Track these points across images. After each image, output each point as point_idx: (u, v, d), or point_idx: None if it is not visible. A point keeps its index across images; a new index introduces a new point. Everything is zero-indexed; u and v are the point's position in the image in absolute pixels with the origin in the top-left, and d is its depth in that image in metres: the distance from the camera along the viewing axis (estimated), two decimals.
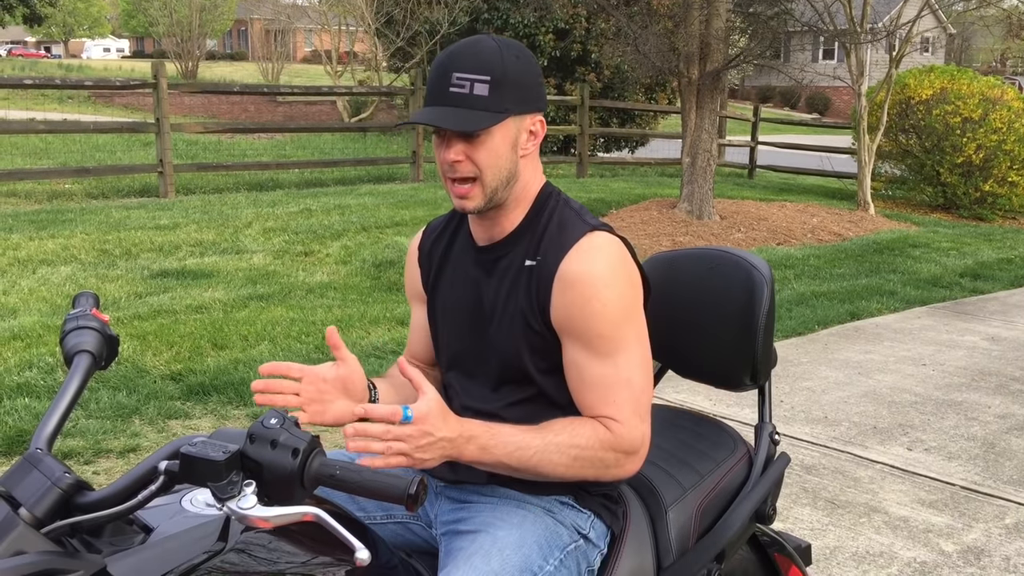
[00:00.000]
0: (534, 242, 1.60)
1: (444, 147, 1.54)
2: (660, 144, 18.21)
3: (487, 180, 1.54)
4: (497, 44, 1.55)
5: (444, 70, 1.52)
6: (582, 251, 1.54)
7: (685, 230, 9.02)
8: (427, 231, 1.81)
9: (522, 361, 1.59)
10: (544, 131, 1.61)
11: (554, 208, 1.63)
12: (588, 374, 1.54)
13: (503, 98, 1.52)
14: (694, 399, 4.49)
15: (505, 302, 1.60)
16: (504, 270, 1.62)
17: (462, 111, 1.50)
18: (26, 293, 5.81)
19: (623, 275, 1.55)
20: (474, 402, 1.66)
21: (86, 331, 1.43)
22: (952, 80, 12.37)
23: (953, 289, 7.50)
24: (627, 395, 1.53)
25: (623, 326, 1.54)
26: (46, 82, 12.69)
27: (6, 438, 3.60)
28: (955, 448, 4.07)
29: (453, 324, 1.70)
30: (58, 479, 1.16)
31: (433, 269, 1.75)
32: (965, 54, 41.68)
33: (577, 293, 1.52)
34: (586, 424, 1.52)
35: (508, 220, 1.62)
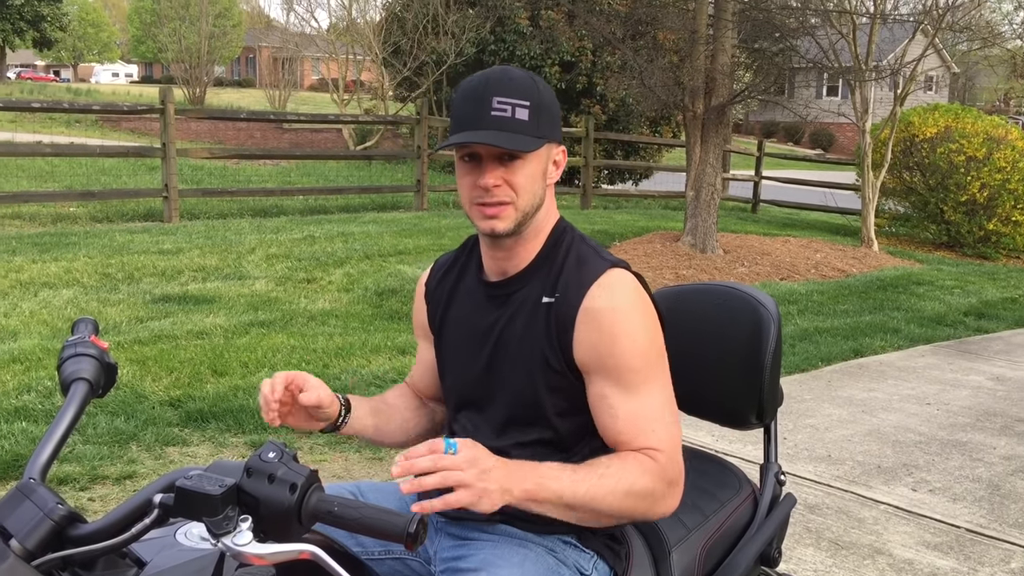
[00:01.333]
0: (551, 278, 1.58)
1: (479, 172, 1.53)
2: (664, 177, 18.27)
3: (521, 204, 1.54)
4: (526, 73, 1.57)
5: (482, 95, 1.51)
6: (604, 287, 1.52)
7: (688, 263, 9.01)
8: (435, 267, 1.79)
9: (538, 401, 1.57)
10: (565, 161, 1.62)
11: (570, 244, 1.61)
12: (622, 410, 1.51)
13: (541, 124, 1.53)
14: (696, 434, 4.45)
15: (520, 339, 1.58)
16: (519, 305, 1.59)
17: (505, 134, 1.50)
18: (27, 316, 5.79)
19: (647, 310, 1.54)
20: (483, 442, 1.63)
21: (84, 358, 1.41)
22: (956, 119, 12.42)
23: (957, 328, 7.47)
24: (663, 426, 1.51)
25: (652, 359, 1.52)
26: (54, 105, 12.77)
27: (2, 463, 3.57)
28: (960, 489, 4.02)
29: (462, 361, 1.67)
30: (51, 510, 1.13)
31: (440, 306, 1.73)
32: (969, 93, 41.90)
33: (604, 330, 1.50)
34: (630, 457, 1.48)
35: (525, 252, 1.61)
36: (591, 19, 13.75)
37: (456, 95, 1.56)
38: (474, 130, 1.50)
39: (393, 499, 1.71)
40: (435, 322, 1.74)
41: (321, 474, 1.20)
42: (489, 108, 1.50)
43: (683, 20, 10.24)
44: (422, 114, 13.03)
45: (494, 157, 1.51)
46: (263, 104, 31.95)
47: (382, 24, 20.12)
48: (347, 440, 4.14)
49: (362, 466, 3.92)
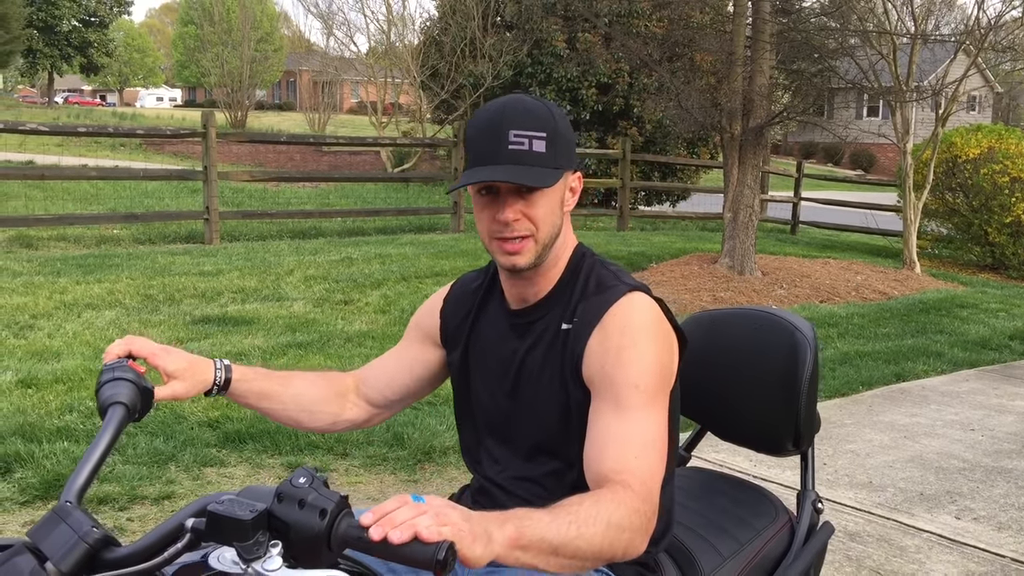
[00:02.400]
0: (571, 305, 1.57)
1: (497, 206, 1.51)
2: (702, 198, 18.20)
3: (541, 236, 1.53)
4: (541, 101, 1.55)
5: (498, 128, 1.50)
6: (622, 307, 1.52)
7: (726, 285, 8.95)
8: (457, 284, 1.79)
9: (564, 428, 1.55)
10: (581, 187, 1.61)
11: (590, 269, 1.60)
12: (612, 430, 1.45)
13: (558, 154, 1.51)
14: (734, 459, 4.40)
15: (541, 367, 1.57)
16: (540, 334, 1.59)
17: (523, 168, 1.48)
18: (70, 337, 5.89)
19: (659, 334, 1.52)
20: (509, 470, 1.63)
21: (121, 382, 1.43)
22: (1000, 139, 12.24)
23: (1003, 352, 7.32)
24: (646, 456, 1.43)
25: (656, 384, 1.48)
26: (99, 130, 13.04)
27: (44, 482, 3.62)
28: (1005, 518, 3.93)
29: (488, 389, 1.67)
30: (85, 534, 1.15)
31: (460, 325, 1.72)
32: (1013, 113, 41.30)
33: (614, 341, 1.48)
34: (602, 492, 1.40)
35: (544, 280, 1.60)
36: (628, 41, 13.79)
37: (471, 128, 1.54)
38: (492, 164, 1.49)
39: None
40: (446, 335, 1.74)
41: (355, 496, 1.21)
42: (506, 142, 1.48)
43: (720, 42, 10.22)
44: (459, 136, 13.11)
45: (512, 191, 1.50)
46: (303, 127, 32.39)
47: (420, 48, 20.33)
48: (382, 462, 4.15)
49: (397, 488, 3.92)
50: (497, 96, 11.60)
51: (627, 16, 16.70)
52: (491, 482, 1.67)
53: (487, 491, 1.67)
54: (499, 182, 1.48)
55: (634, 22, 16.55)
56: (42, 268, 8.07)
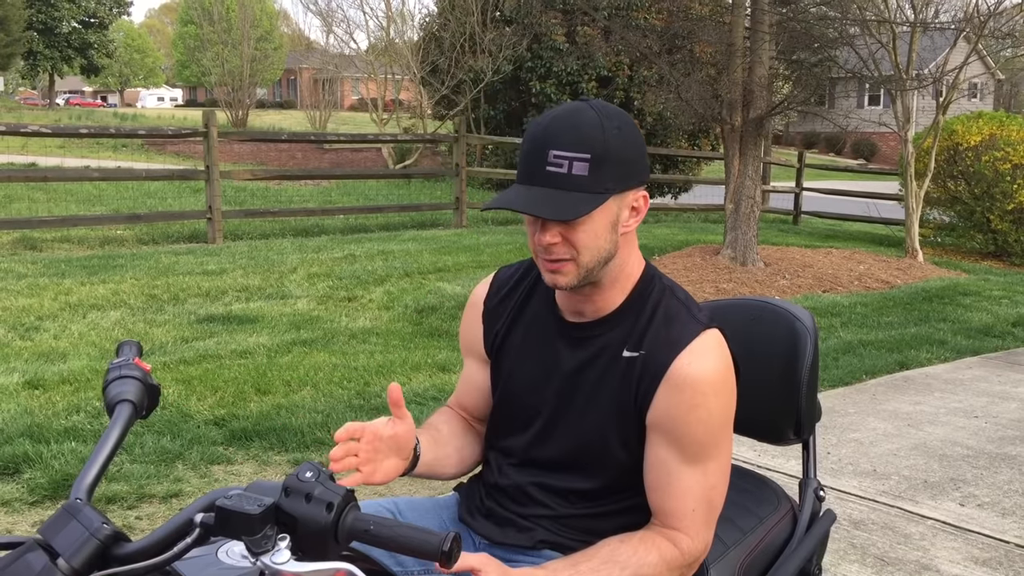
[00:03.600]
0: (636, 332, 1.52)
1: (538, 228, 1.45)
2: (703, 190, 18.21)
3: (583, 261, 1.45)
4: (598, 116, 1.43)
5: (540, 146, 1.41)
6: (695, 354, 1.46)
7: (729, 276, 8.96)
8: (495, 283, 1.71)
9: (604, 450, 1.54)
10: (647, 206, 1.51)
11: (660, 297, 1.54)
12: (675, 478, 1.48)
13: (603, 177, 1.41)
14: (738, 449, 4.41)
15: (595, 386, 1.53)
16: (597, 351, 1.54)
17: (559, 193, 1.40)
18: (76, 337, 5.92)
19: (730, 381, 1.50)
20: (530, 476, 1.62)
21: (128, 380, 1.45)
22: (1001, 126, 12.22)
23: (1005, 339, 7.33)
24: (706, 506, 1.49)
25: (721, 435, 1.49)
26: (101, 131, 13.08)
27: (52, 482, 3.65)
28: (1009, 504, 3.95)
29: (527, 394, 1.62)
30: (96, 530, 1.16)
31: (501, 328, 1.66)
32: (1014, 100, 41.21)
33: (686, 398, 1.45)
34: (652, 550, 1.45)
35: (604, 299, 1.54)
36: (627, 34, 13.77)
37: (524, 139, 1.47)
38: (528, 185, 1.42)
39: (430, 515, 1.73)
40: (492, 344, 1.67)
41: (360, 490, 1.22)
42: (544, 162, 1.41)
43: (720, 33, 10.21)
44: (460, 132, 13.12)
45: None
46: (304, 125, 32.40)
47: (420, 44, 20.34)
48: None
49: (401, 483, 3.94)
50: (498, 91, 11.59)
51: (626, 9, 16.69)
52: (507, 481, 1.66)
53: (503, 489, 1.66)
54: (521, 211, 1.40)
55: (633, 15, 16.54)
56: (47, 270, 8.10)
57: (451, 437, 1.69)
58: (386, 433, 1.46)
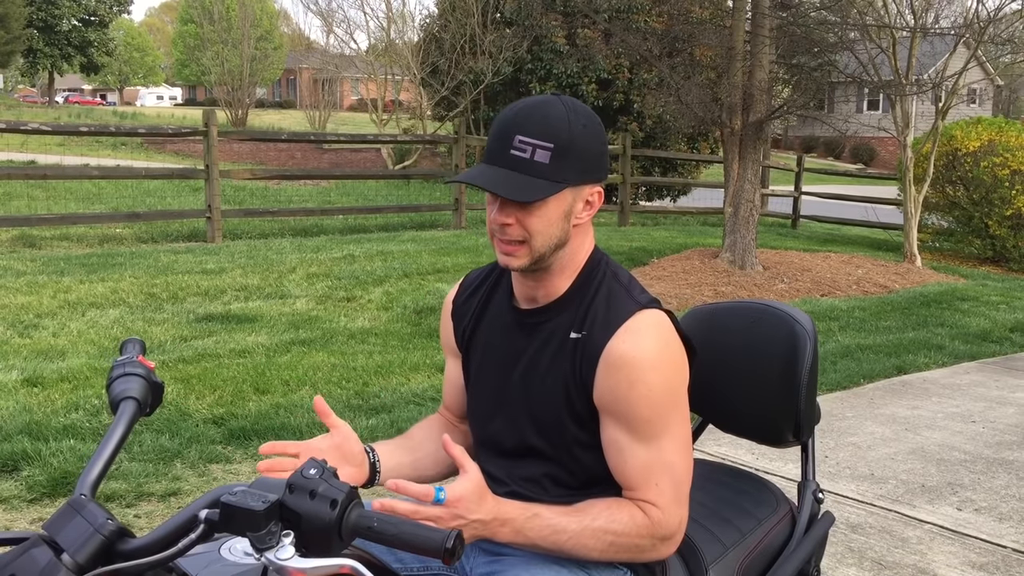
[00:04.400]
0: (580, 313, 1.56)
1: (495, 207, 1.51)
2: (702, 193, 18.23)
3: (535, 245, 1.51)
4: (566, 110, 1.50)
5: (507, 130, 1.48)
6: (629, 331, 1.50)
7: (727, 280, 8.97)
8: (463, 284, 1.78)
9: (561, 434, 1.58)
10: (601, 202, 1.57)
11: (602, 279, 1.59)
12: (630, 456, 1.52)
13: (563, 168, 1.47)
14: (736, 452, 4.42)
15: (548, 370, 1.58)
16: (547, 336, 1.59)
17: (519, 176, 1.46)
18: (75, 335, 5.92)
19: (669, 358, 1.52)
20: (505, 467, 1.65)
21: (132, 378, 1.45)
22: (1000, 132, 12.25)
23: (1003, 344, 7.34)
24: (668, 480, 1.51)
25: (667, 410, 1.51)
26: (101, 129, 13.03)
27: (51, 479, 3.65)
28: (1006, 509, 3.96)
29: (489, 384, 1.68)
30: (101, 525, 1.17)
31: (468, 324, 1.73)
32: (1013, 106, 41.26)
33: (623, 376, 1.49)
34: (623, 509, 1.50)
35: (553, 285, 1.59)
36: (628, 37, 13.78)
37: (494, 122, 1.54)
38: (492, 166, 1.48)
39: None
40: (462, 340, 1.74)
41: (360, 490, 1.23)
42: (510, 146, 1.47)
43: (720, 37, 10.23)
44: (460, 133, 13.13)
45: None
46: (303, 125, 32.41)
47: (420, 45, 20.35)
48: None
49: None
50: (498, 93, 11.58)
51: (627, 12, 16.72)
52: (489, 476, 1.69)
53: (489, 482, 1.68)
54: (480, 187, 1.47)
55: (634, 17, 16.57)
56: (46, 267, 8.10)
57: (424, 441, 1.75)
58: (324, 445, 1.54)
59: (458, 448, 1.38)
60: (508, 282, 1.68)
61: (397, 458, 1.67)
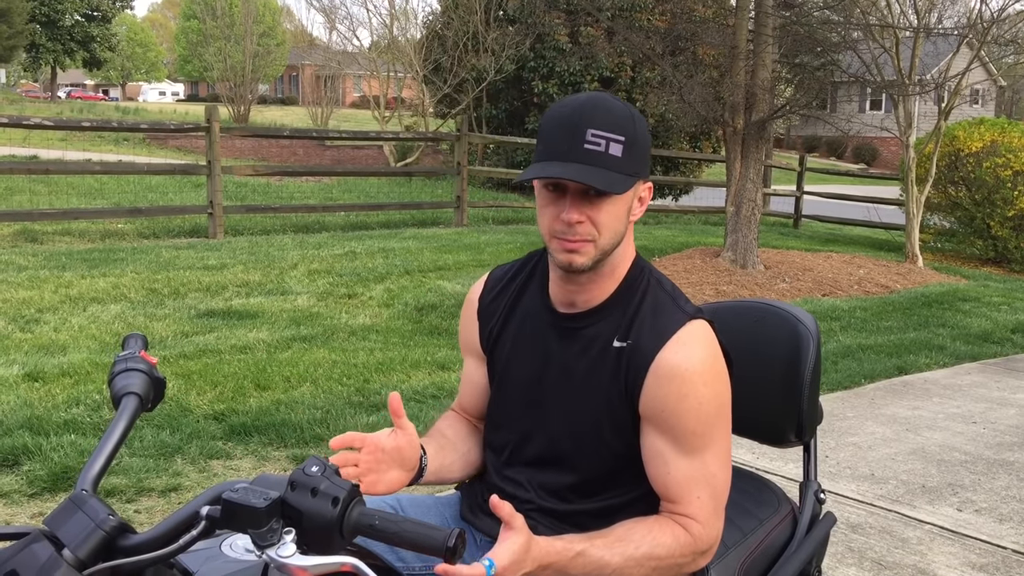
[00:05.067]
0: (625, 321, 1.54)
1: (562, 205, 1.46)
2: (704, 192, 18.22)
3: (603, 243, 1.48)
4: (624, 105, 1.50)
5: (576, 125, 1.44)
6: (681, 343, 1.49)
7: (729, 279, 8.96)
8: (489, 281, 1.73)
9: (596, 440, 1.55)
10: (650, 197, 1.57)
11: (647, 287, 1.57)
12: (673, 468, 1.50)
13: (633, 160, 1.47)
14: (736, 452, 4.42)
15: (586, 377, 1.55)
16: (588, 342, 1.56)
17: (600, 170, 1.43)
18: (76, 330, 5.92)
19: (719, 370, 1.51)
20: (523, 472, 1.64)
21: (134, 373, 1.45)
22: (1003, 133, 12.23)
23: (1004, 345, 7.34)
24: (710, 493, 1.50)
25: (714, 423, 1.50)
26: (103, 124, 13.04)
27: (51, 474, 3.65)
28: (1007, 510, 3.95)
29: (519, 386, 1.63)
30: (102, 521, 1.17)
31: (496, 324, 1.68)
32: (1016, 107, 41.23)
33: (674, 388, 1.47)
34: (666, 531, 1.48)
35: (598, 288, 1.56)
36: (630, 35, 13.77)
37: (547, 120, 1.49)
38: (564, 162, 1.43)
39: (432, 512, 1.73)
40: (488, 340, 1.69)
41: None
42: (582, 140, 1.43)
43: (723, 36, 10.22)
44: (462, 130, 13.12)
45: (580, 192, 1.45)
46: (306, 121, 32.40)
47: (423, 42, 20.33)
48: None
49: None
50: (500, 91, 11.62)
51: (630, 10, 16.70)
52: (509, 480, 1.67)
53: (502, 487, 1.66)
54: (569, 180, 1.42)
55: (637, 16, 16.55)
56: (47, 262, 8.10)
57: (456, 442, 1.71)
58: (388, 445, 1.48)
59: (507, 506, 1.31)
60: (540, 282, 1.64)
61: (441, 459, 1.63)
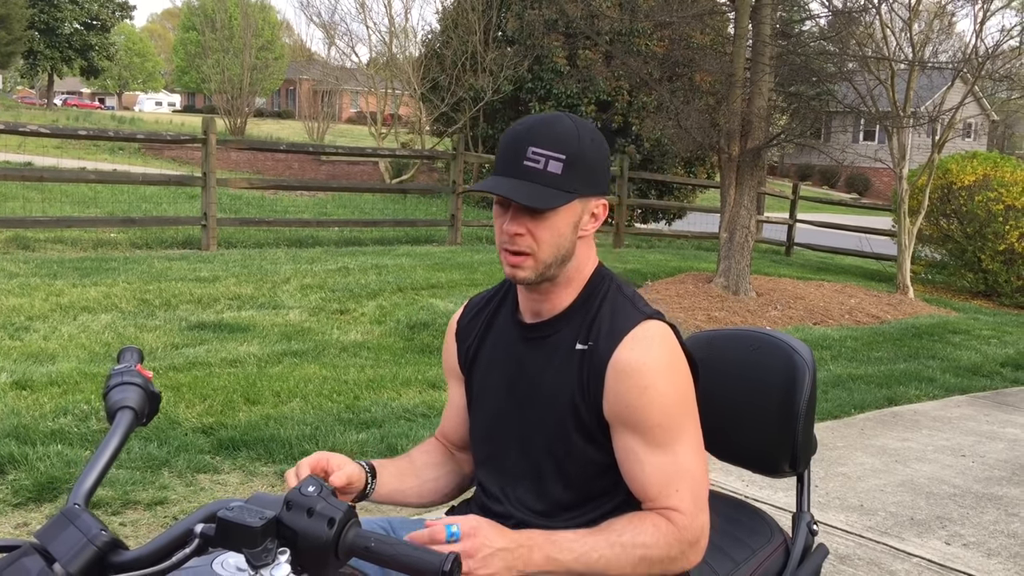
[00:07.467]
0: (585, 325, 1.58)
1: (506, 218, 1.54)
2: (698, 218, 18.28)
3: (542, 256, 1.54)
4: (575, 124, 1.55)
5: (519, 143, 1.52)
6: (636, 339, 1.52)
7: (721, 305, 8.98)
8: (468, 306, 1.80)
9: (569, 448, 1.57)
10: (605, 214, 1.61)
11: (607, 292, 1.61)
12: (647, 464, 1.51)
13: (574, 178, 1.51)
14: (726, 479, 4.41)
15: (554, 383, 1.59)
16: (552, 349, 1.60)
17: (534, 186, 1.50)
18: (66, 339, 5.89)
19: (677, 364, 1.54)
20: (505, 487, 1.64)
21: (130, 387, 1.44)
22: (995, 167, 12.34)
23: (994, 378, 7.36)
24: (687, 485, 1.51)
25: (680, 415, 1.52)
26: (99, 133, 13.03)
27: (37, 484, 3.62)
28: (995, 544, 3.95)
29: (493, 399, 1.67)
30: (94, 536, 1.16)
31: (472, 343, 1.73)
32: (1008, 141, 41.58)
33: (633, 383, 1.50)
34: (646, 520, 1.49)
35: (559, 298, 1.61)
36: (628, 59, 13.86)
37: (502, 138, 1.57)
38: (506, 177, 1.51)
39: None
40: (465, 360, 1.74)
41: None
42: (523, 157, 1.51)
43: (720, 63, 10.29)
44: (458, 149, 13.15)
45: (521, 207, 1.51)
46: (302, 135, 32.45)
47: (421, 60, 20.42)
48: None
49: None
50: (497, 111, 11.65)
51: (628, 35, 16.80)
52: (491, 496, 1.68)
53: (489, 508, 1.67)
54: (498, 195, 1.50)
55: (635, 41, 16.66)
56: (39, 270, 8.07)
57: (421, 469, 1.75)
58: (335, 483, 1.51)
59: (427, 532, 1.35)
60: (514, 299, 1.69)
61: (396, 484, 1.67)
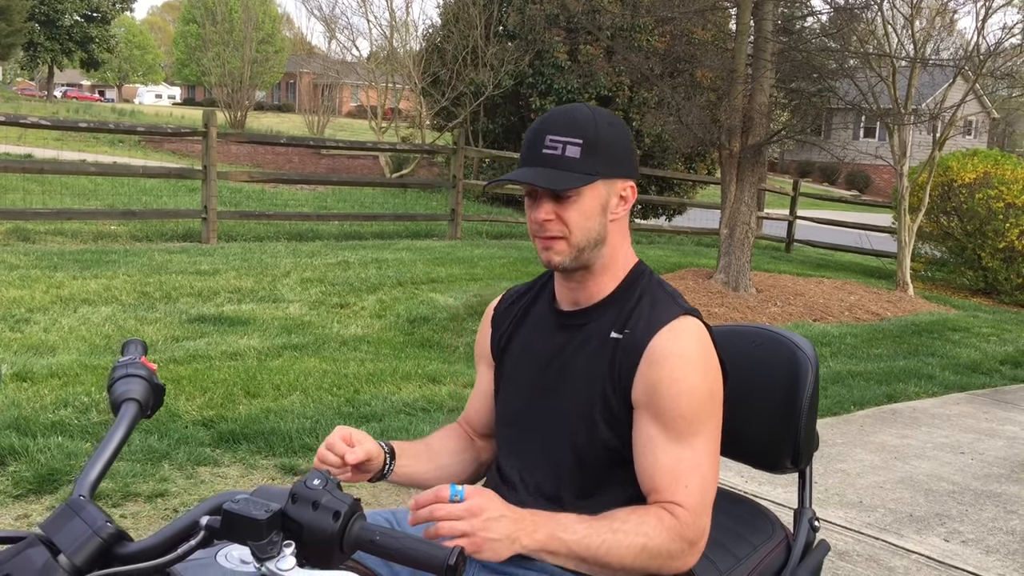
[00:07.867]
0: (623, 315, 1.60)
1: (535, 207, 1.58)
2: (698, 214, 18.26)
3: (574, 239, 1.57)
4: (591, 111, 1.60)
5: (538, 134, 1.57)
6: (674, 331, 1.54)
7: (720, 301, 8.98)
8: (506, 295, 1.83)
9: (592, 434, 1.58)
10: (635, 196, 1.64)
11: (647, 286, 1.64)
12: (662, 454, 1.51)
13: (594, 161, 1.55)
14: (725, 475, 4.42)
15: (584, 369, 1.60)
16: (587, 337, 1.62)
17: (554, 171, 1.54)
18: (66, 332, 5.89)
19: (711, 362, 1.55)
20: (524, 469, 1.66)
21: (134, 379, 1.45)
22: (996, 165, 12.33)
23: (993, 376, 7.37)
24: (697, 482, 1.51)
25: (705, 411, 1.52)
26: (100, 126, 13.00)
27: (37, 476, 3.62)
28: (993, 541, 3.96)
29: (523, 381, 1.69)
30: (99, 528, 1.16)
31: (507, 329, 1.76)
32: (1009, 139, 41.57)
33: (666, 371, 1.51)
34: (649, 512, 1.49)
35: (596, 286, 1.63)
36: (629, 55, 13.84)
37: (526, 132, 1.62)
38: (528, 167, 1.56)
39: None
40: (498, 346, 1.77)
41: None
42: (542, 146, 1.55)
43: (722, 59, 10.28)
44: (458, 144, 13.14)
45: (547, 193, 1.55)
46: (302, 129, 32.39)
47: (422, 54, 20.37)
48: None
49: (390, 492, 3.93)
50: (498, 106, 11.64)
51: (629, 30, 16.77)
52: (509, 484, 1.69)
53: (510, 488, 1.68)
54: (519, 182, 1.53)
55: (636, 36, 16.63)
56: (39, 262, 8.07)
57: (439, 454, 1.77)
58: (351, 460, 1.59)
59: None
60: (551, 290, 1.72)
61: (414, 467, 1.70)
